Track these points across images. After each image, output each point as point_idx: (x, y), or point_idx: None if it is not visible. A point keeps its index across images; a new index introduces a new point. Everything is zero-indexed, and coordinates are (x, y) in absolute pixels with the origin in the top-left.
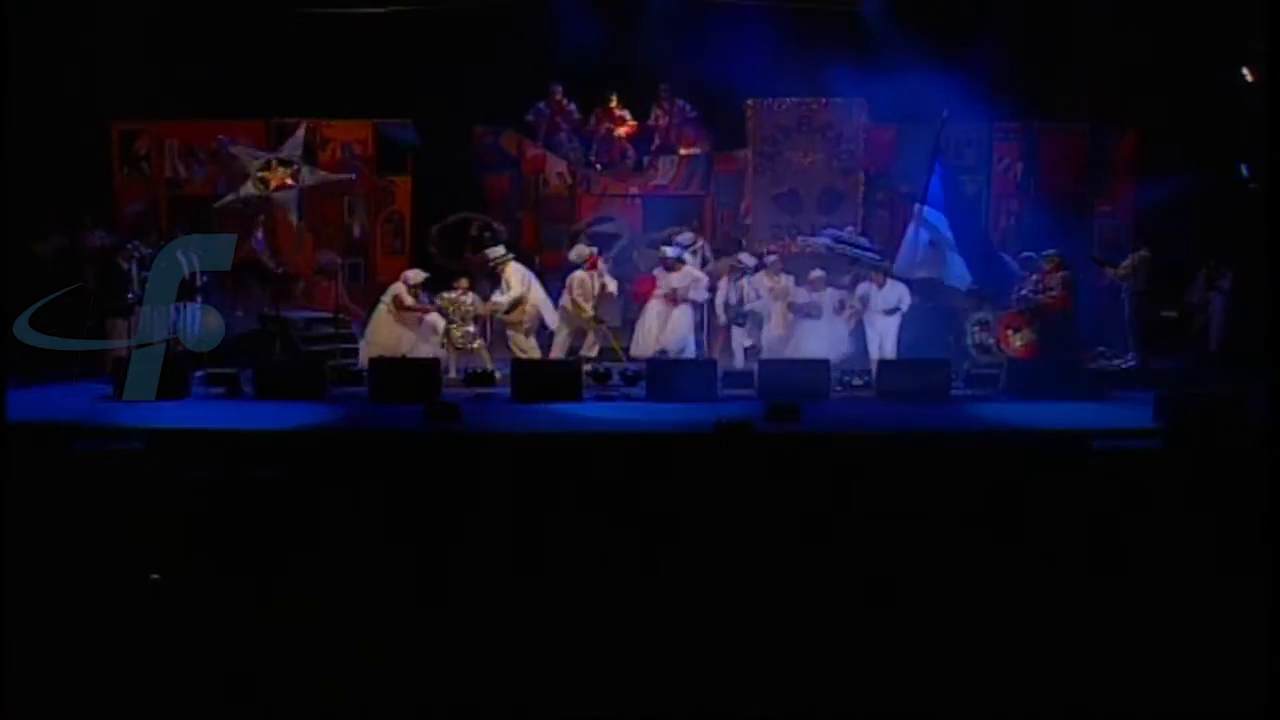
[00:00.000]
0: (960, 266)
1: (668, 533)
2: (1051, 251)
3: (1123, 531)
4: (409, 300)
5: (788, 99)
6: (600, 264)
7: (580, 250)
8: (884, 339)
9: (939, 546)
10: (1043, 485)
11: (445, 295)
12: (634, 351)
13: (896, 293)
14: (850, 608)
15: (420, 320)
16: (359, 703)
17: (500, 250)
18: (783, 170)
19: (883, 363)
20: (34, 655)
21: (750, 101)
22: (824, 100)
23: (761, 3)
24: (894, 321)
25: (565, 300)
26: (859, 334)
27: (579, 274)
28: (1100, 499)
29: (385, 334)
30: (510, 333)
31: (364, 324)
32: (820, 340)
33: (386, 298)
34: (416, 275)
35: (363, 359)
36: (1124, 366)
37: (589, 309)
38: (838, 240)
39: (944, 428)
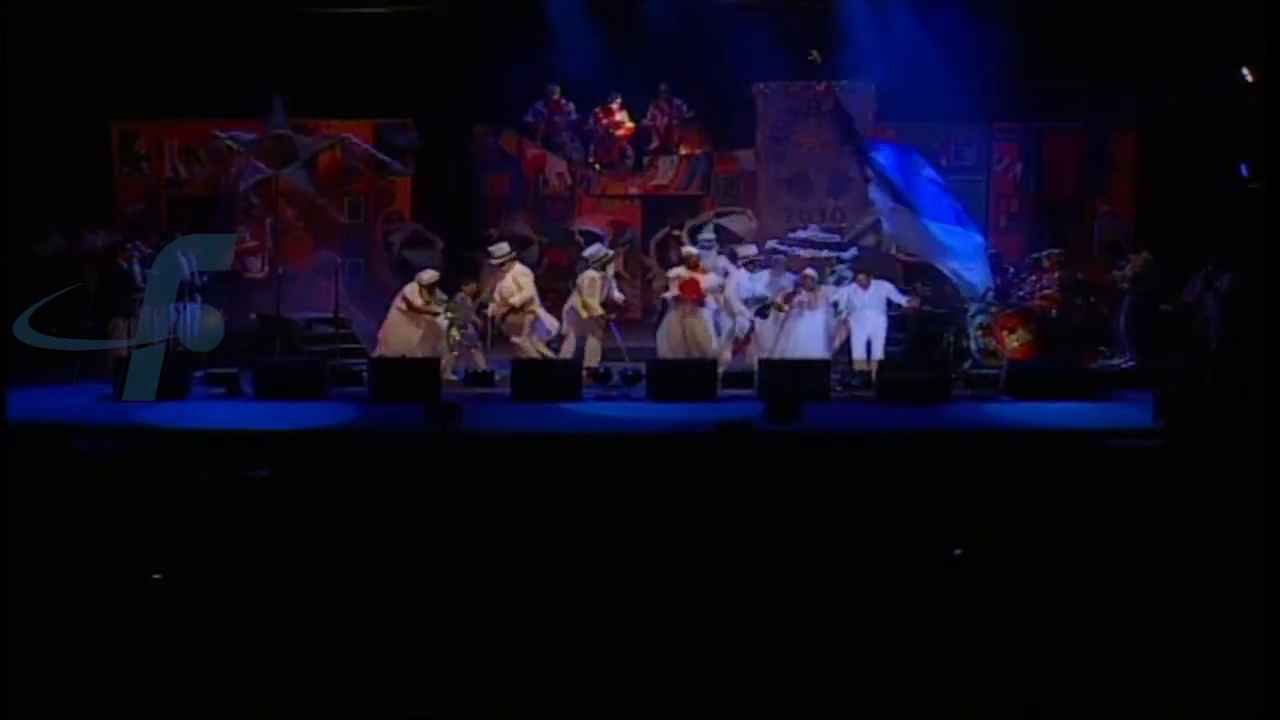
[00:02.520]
0: (971, 272)
1: (667, 533)
2: (1054, 251)
3: (1122, 531)
4: (419, 300)
5: (797, 82)
6: (610, 268)
7: (597, 249)
8: (874, 339)
9: (939, 546)
10: (1043, 485)
11: (453, 300)
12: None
13: (883, 292)
14: (850, 608)
15: (431, 320)
16: (359, 703)
17: (505, 248)
18: (792, 155)
19: (883, 363)
20: (34, 655)
21: (760, 86)
22: (832, 83)
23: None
24: (883, 322)
25: (575, 300)
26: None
27: (592, 274)
28: (1100, 499)
29: (399, 333)
30: (513, 335)
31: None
32: (812, 339)
33: (399, 298)
34: (430, 275)
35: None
36: (1124, 366)
37: (596, 306)
38: (804, 243)
39: (944, 428)
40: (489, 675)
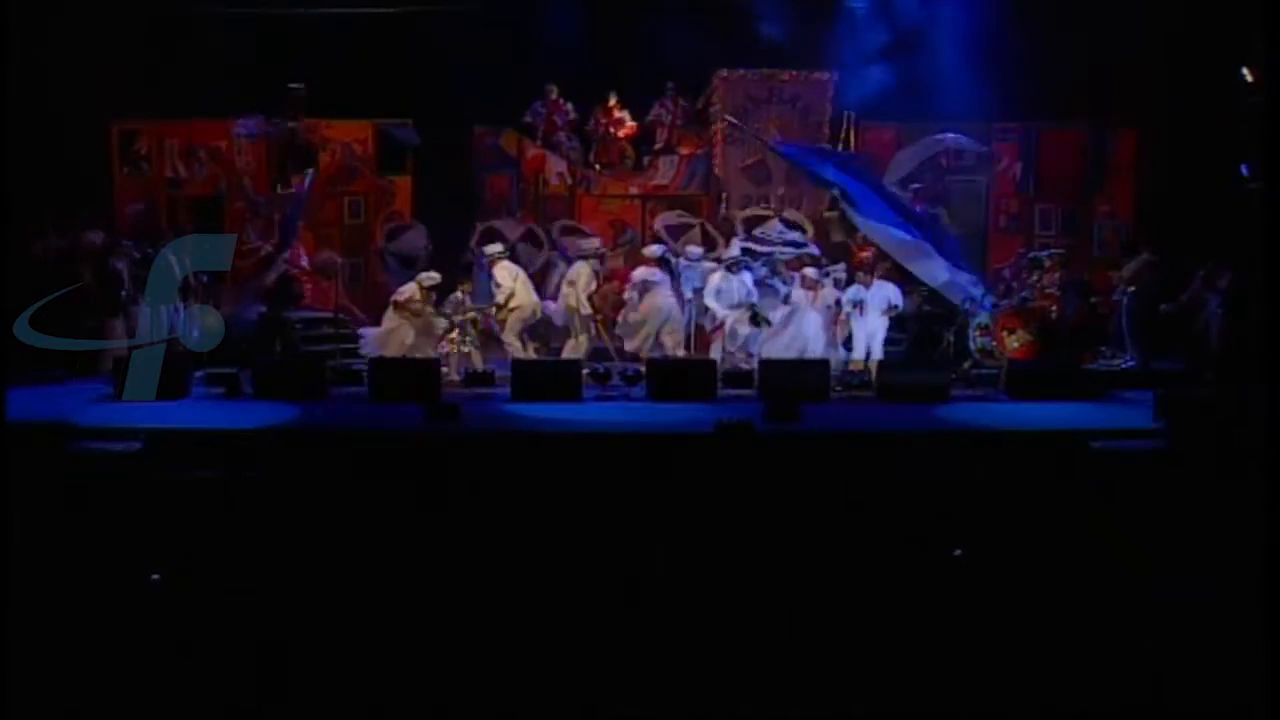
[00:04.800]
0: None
1: (667, 533)
2: (1056, 251)
3: (1122, 531)
4: (418, 302)
5: (757, 70)
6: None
7: (591, 242)
8: (872, 340)
9: (939, 546)
10: (1043, 485)
11: (451, 298)
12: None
13: (885, 293)
14: (850, 607)
15: (426, 321)
16: (358, 701)
17: (497, 248)
18: (751, 142)
19: (883, 363)
20: (34, 654)
21: (722, 73)
22: (793, 73)
23: None
24: (883, 322)
25: (566, 294)
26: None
27: (583, 266)
28: (1100, 499)
29: (393, 334)
30: (503, 333)
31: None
32: (815, 338)
33: (399, 297)
34: (431, 278)
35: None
36: (1124, 366)
37: (585, 302)
38: (762, 240)
39: (944, 428)
40: (489, 672)
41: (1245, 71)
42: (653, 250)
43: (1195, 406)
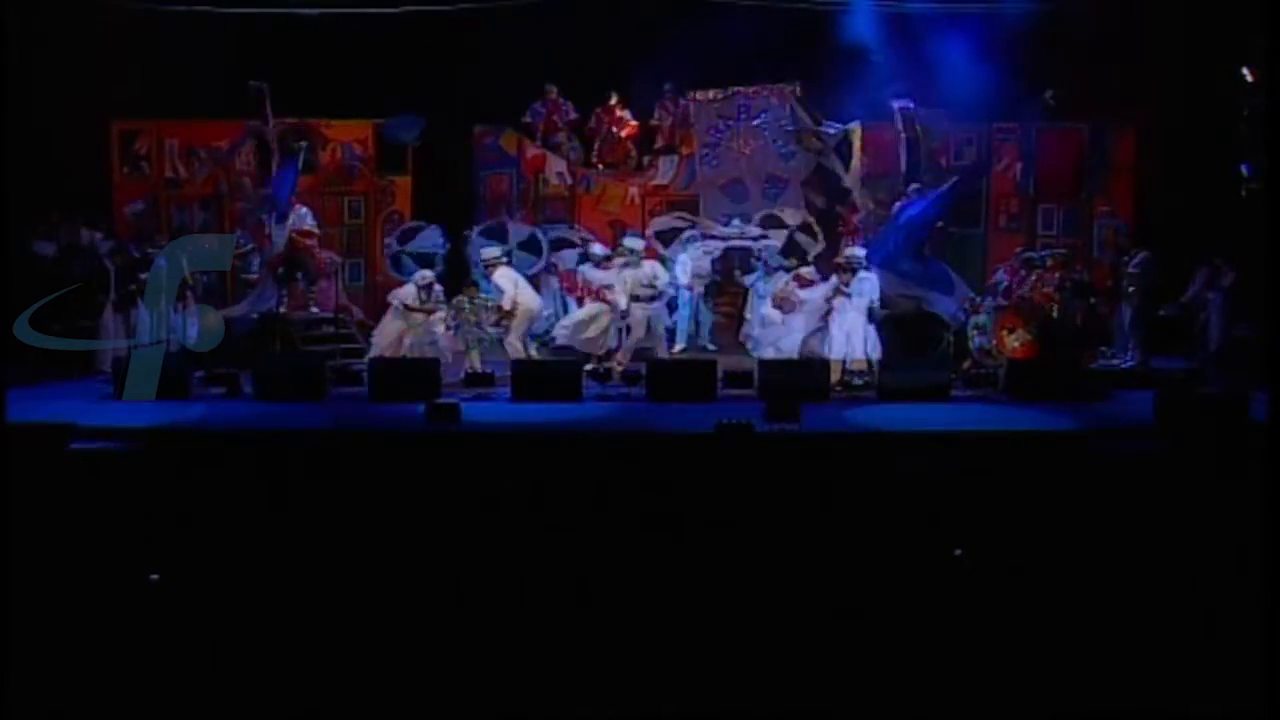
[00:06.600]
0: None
1: (668, 533)
2: (1058, 251)
3: (1122, 532)
4: (414, 301)
5: (723, 89)
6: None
7: (636, 243)
8: (853, 336)
9: (939, 546)
10: (1043, 485)
11: (458, 297)
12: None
13: (865, 289)
14: (850, 607)
15: (422, 321)
16: (358, 701)
17: (495, 251)
18: (727, 160)
19: (883, 363)
20: (34, 655)
21: (695, 94)
22: (754, 88)
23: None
24: (862, 320)
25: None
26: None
27: (627, 271)
28: (1100, 499)
29: (388, 334)
30: (505, 336)
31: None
32: (808, 337)
33: (397, 299)
34: (425, 277)
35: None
36: (1124, 366)
37: (624, 302)
38: (726, 240)
39: (944, 428)
40: (487, 673)
41: (1245, 71)
42: (596, 251)
43: (1195, 406)
